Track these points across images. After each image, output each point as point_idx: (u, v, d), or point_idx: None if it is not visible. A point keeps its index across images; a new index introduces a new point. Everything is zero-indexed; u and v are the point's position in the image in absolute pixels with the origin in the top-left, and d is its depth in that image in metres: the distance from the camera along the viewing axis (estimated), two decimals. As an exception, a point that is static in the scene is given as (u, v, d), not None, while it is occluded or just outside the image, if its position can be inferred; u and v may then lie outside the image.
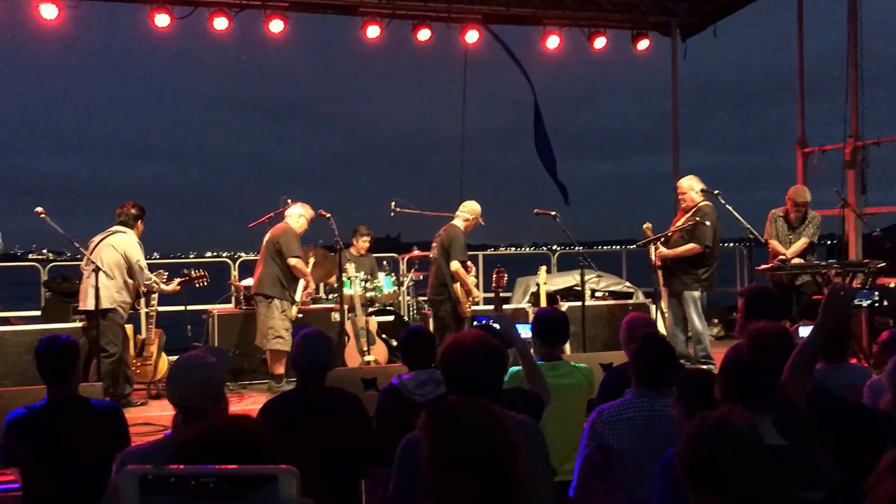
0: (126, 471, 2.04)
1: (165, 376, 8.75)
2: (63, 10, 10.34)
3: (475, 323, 8.28)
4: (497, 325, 4.59)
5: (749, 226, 8.92)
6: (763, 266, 9.09)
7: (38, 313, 10.68)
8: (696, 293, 8.77)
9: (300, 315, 9.12)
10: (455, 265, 8.62)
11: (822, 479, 2.98)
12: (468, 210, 8.99)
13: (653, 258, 8.99)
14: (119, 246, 8.17)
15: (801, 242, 8.98)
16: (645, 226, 9.00)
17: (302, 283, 9.11)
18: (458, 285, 8.65)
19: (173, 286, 8.82)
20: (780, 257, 8.89)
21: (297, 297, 9.07)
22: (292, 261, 8.81)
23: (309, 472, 2.99)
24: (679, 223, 8.89)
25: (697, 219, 8.66)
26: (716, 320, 11.94)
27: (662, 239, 8.87)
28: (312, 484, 2.80)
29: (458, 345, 3.47)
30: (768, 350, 3.64)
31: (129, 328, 8.56)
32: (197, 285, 9.11)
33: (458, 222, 8.91)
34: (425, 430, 2.41)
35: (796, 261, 8.82)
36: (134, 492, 1.97)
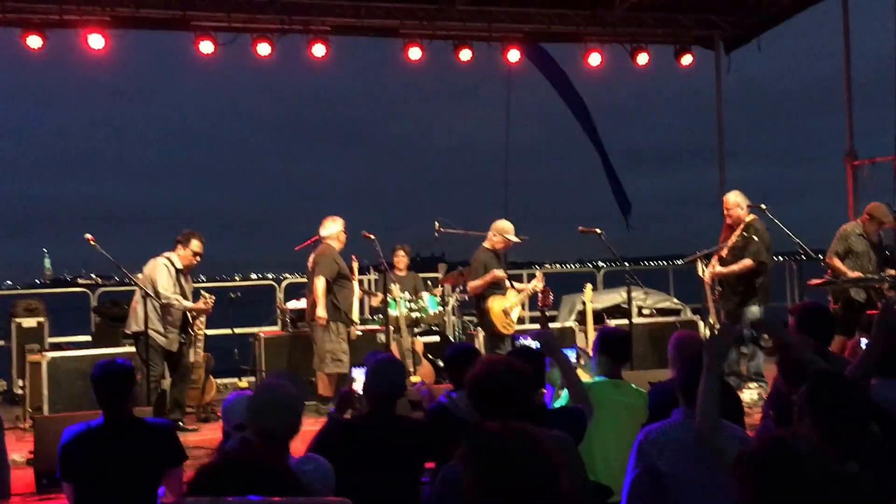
0: (185, 502, 2.06)
1: (214, 399, 8.79)
2: (109, 38, 10.51)
3: (516, 343, 8.24)
4: (537, 344, 4.52)
5: (799, 240, 8.77)
6: (815, 280, 8.94)
7: (88, 338, 10.81)
8: (755, 308, 8.65)
9: (359, 333, 9.11)
10: (472, 285, 8.67)
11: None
12: (494, 229, 8.88)
13: (702, 275, 8.89)
14: (146, 271, 8.22)
15: None
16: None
17: (356, 302, 9.10)
18: (490, 303, 8.57)
19: (196, 304, 8.41)
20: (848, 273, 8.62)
21: (355, 317, 9.04)
22: (317, 281, 8.67)
23: (375, 497, 3.01)
24: (730, 241, 8.75)
25: (747, 235, 8.56)
26: (766, 336, 11.74)
27: (713, 256, 8.79)
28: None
29: (482, 371, 3.49)
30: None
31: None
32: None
33: (485, 242, 8.86)
34: (464, 459, 2.38)
35: (852, 275, 8.60)
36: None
